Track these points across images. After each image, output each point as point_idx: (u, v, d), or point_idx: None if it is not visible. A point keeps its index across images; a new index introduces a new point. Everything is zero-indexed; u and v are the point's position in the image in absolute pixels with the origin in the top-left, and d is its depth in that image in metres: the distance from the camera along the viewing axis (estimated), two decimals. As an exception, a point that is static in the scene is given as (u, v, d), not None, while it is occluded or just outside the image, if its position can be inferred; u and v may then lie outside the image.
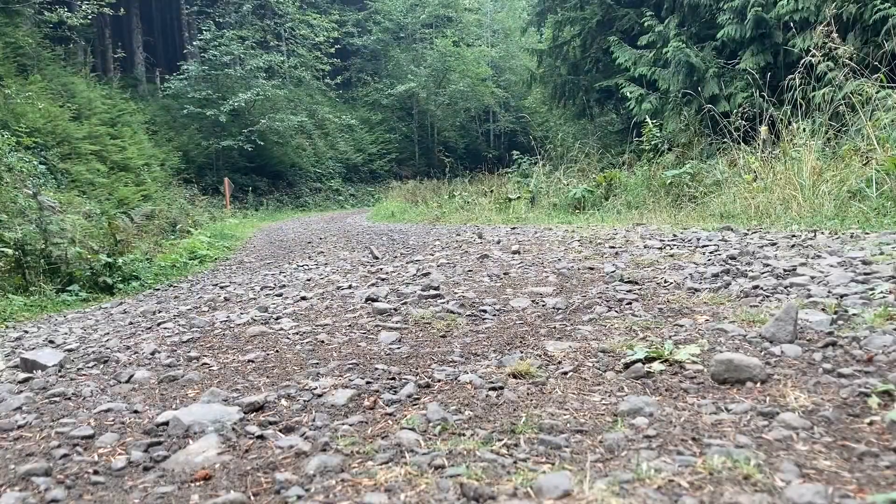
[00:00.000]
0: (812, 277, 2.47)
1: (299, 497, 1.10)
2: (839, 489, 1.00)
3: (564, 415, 1.40)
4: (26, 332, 3.55)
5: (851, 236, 3.51)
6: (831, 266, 2.66)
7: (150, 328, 3.01)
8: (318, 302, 3.20)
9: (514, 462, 1.18)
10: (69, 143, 12.61)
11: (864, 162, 4.98)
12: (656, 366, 1.65)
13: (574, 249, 4.24)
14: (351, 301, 3.09)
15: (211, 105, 21.08)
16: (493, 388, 1.60)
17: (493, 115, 31.96)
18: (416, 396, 1.61)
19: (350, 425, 1.43)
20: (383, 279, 3.77)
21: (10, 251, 5.14)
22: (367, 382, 1.74)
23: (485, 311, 2.58)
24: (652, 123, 9.71)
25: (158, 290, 5.32)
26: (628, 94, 10.95)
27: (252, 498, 1.12)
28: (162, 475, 1.23)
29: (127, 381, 1.96)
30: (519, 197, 10.73)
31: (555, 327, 2.22)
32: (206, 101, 21.23)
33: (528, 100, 29.32)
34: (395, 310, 2.74)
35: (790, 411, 1.31)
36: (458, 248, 5.10)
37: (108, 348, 2.55)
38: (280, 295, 3.64)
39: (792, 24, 8.01)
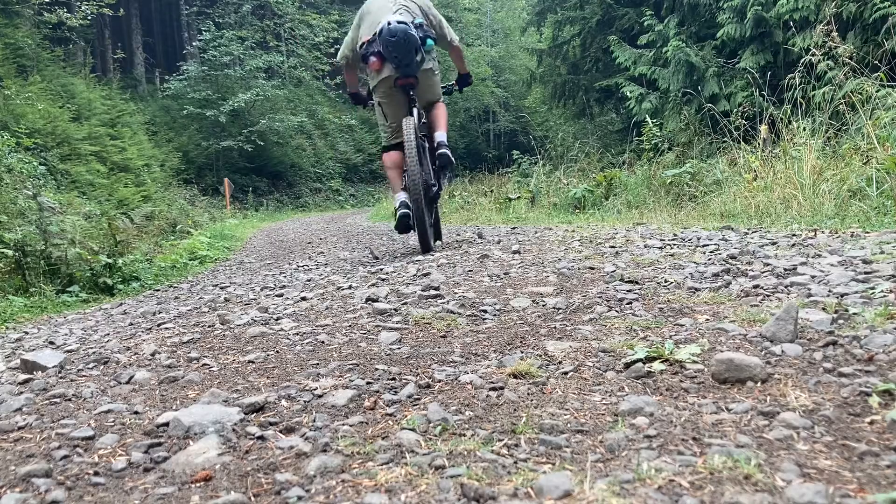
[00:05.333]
0: (812, 277, 2.47)
1: (300, 498, 1.10)
2: (840, 489, 1.00)
3: (565, 415, 1.40)
4: (26, 333, 3.55)
5: (852, 235, 3.51)
6: (832, 265, 2.66)
7: (150, 329, 3.01)
8: (318, 302, 3.20)
9: (515, 462, 1.18)
10: (69, 143, 12.62)
11: (864, 161, 4.98)
12: (657, 365, 1.65)
13: (574, 249, 4.23)
14: (351, 301, 3.09)
15: (211, 105, 21.08)
16: (494, 389, 1.60)
17: (493, 115, 31.95)
18: (416, 397, 1.61)
19: (350, 426, 1.43)
20: (383, 279, 3.77)
21: (10, 252, 5.14)
22: (368, 383, 1.74)
23: (485, 311, 2.58)
24: (652, 123, 9.72)
25: (158, 290, 5.33)
26: (628, 93, 10.96)
27: (252, 499, 1.12)
28: (162, 476, 1.23)
29: (127, 382, 1.96)
30: (519, 197, 10.73)
31: (555, 327, 2.21)
32: (206, 101, 21.23)
33: (528, 100, 29.32)
34: (396, 310, 2.74)
35: (791, 411, 1.30)
36: (458, 248, 5.10)
37: (108, 349, 2.55)
38: (280, 295, 3.64)
39: (792, 24, 8.01)
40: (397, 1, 4.24)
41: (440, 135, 4.30)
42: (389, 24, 3.91)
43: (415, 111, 4.21)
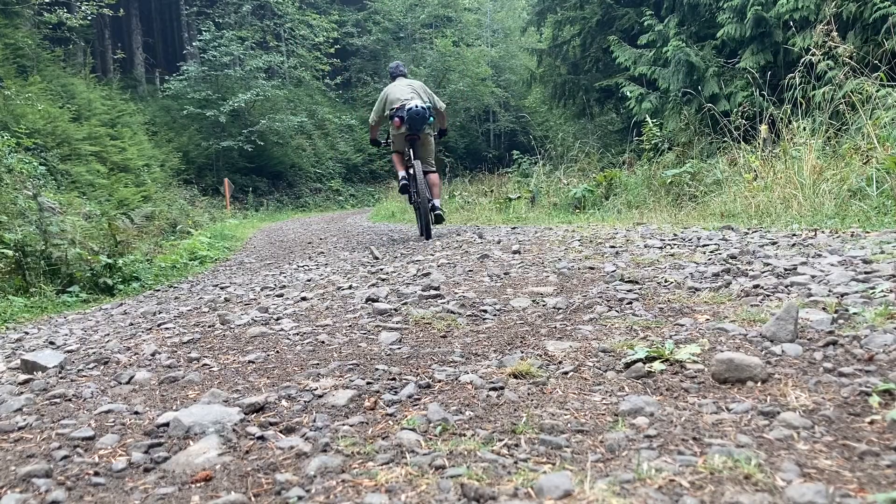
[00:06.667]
0: (813, 276, 2.47)
1: (300, 498, 1.10)
2: (840, 488, 1.00)
3: (565, 415, 1.40)
4: (27, 333, 3.55)
5: (852, 235, 3.51)
6: (832, 265, 2.66)
7: (150, 329, 3.01)
8: (318, 302, 3.21)
9: (515, 462, 1.18)
10: (69, 144, 12.61)
11: (864, 160, 4.97)
12: (657, 365, 1.65)
13: (574, 249, 4.24)
14: (351, 301, 3.09)
15: (211, 105, 21.06)
16: (494, 389, 1.60)
17: (493, 115, 31.93)
18: (416, 397, 1.61)
19: (351, 426, 1.43)
20: (384, 279, 3.77)
21: (10, 252, 5.14)
22: (368, 383, 1.74)
23: (485, 311, 2.58)
24: (652, 122, 9.71)
25: (159, 290, 5.33)
26: (628, 93, 10.95)
27: (253, 499, 1.12)
28: (163, 476, 1.23)
29: (127, 383, 1.97)
30: (519, 197, 10.73)
31: (555, 327, 2.22)
32: (206, 101, 21.21)
33: (528, 100, 29.31)
34: (396, 310, 2.75)
35: (791, 410, 1.30)
36: (458, 248, 5.10)
37: (108, 349, 2.55)
38: (280, 295, 3.64)
39: (792, 23, 8.01)
40: (410, 87, 6.61)
41: (437, 202, 6.57)
42: (416, 106, 6.26)
43: (418, 163, 6.45)
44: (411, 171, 6.57)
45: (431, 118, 6.40)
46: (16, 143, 9.44)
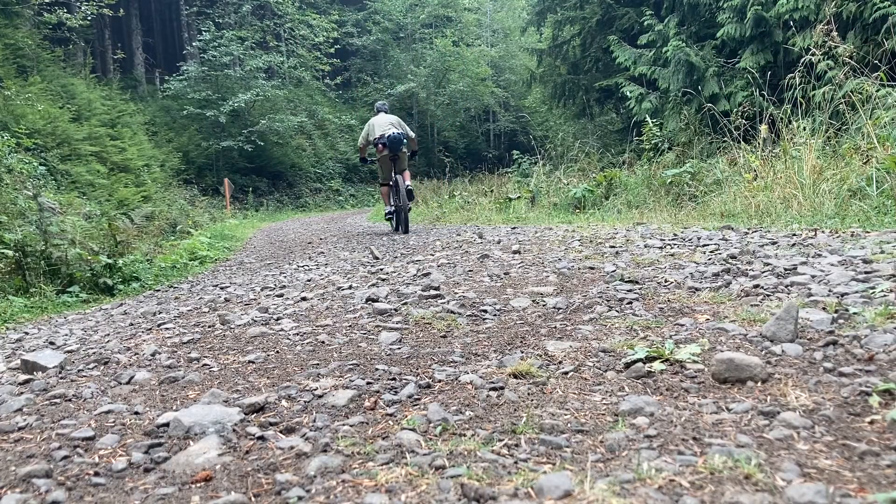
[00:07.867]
0: (813, 276, 2.47)
1: (300, 498, 1.10)
2: (840, 488, 1.00)
3: (565, 415, 1.40)
4: (27, 333, 3.55)
5: (852, 235, 3.51)
6: (832, 265, 2.66)
7: (150, 329, 3.01)
8: (318, 302, 3.21)
9: (515, 462, 1.18)
10: (69, 144, 12.60)
11: (864, 160, 4.98)
12: (657, 365, 1.65)
13: (574, 249, 4.24)
14: (351, 301, 3.09)
15: (211, 106, 21.04)
16: (494, 389, 1.60)
17: (493, 115, 31.93)
18: (416, 397, 1.61)
19: (351, 426, 1.43)
20: (384, 279, 3.77)
21: (10, 252, 5.14)
22: (368, 383, 1.74)
23: (485, 311, 2.58)
24: (652, 122, 9.71)
25: (159, 290, 5.32)
26: (628, 93, 10.95)
27: (253, 499, 1.12)
28: (163, 476, 1.23)
29: (127, 383, 1.97)
30: (519, 197, 10.72)
31: (555, 327, 2.22)
32: (206, 101, 21.19)
33: (528, 99, 29.31)
34: (396, 310, 2.75)
35: (791, 410, 1.31)
36: (458, 248, 5.10)
37: (108, 350, 2.55)
38: (280, 296, 3.64)
39: (792, 23, 8.01)
40: (389, 121, 8.37)
41: (409, 183, 8.40)
42: (394, 133, 8.11)
43: (400, 177, 8.20)
44: (391, 183, 8.45)
45: (406, 140, 8.31)
46: (16, 144, 9.44)
